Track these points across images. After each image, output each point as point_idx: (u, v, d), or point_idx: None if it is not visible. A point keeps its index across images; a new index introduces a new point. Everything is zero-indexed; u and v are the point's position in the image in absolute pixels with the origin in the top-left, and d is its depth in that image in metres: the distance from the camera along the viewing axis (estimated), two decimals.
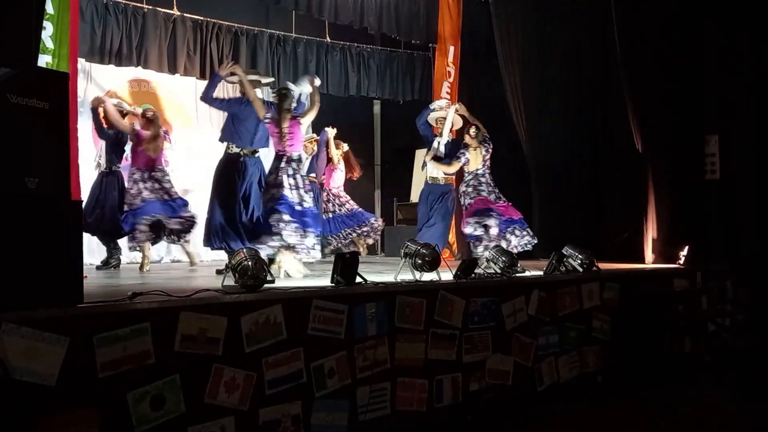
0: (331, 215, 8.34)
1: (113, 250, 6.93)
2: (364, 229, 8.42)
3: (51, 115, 2.97)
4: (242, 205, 5.79)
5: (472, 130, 6.84)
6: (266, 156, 6.07)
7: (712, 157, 7.19)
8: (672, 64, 7.09)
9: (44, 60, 4.94)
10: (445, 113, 7.08)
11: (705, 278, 6.32)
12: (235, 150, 5.91)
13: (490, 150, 6.82)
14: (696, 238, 6.68)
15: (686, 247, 6.50)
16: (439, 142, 6.98)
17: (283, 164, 5.39)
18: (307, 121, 5.75)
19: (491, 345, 4.53)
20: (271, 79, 7.14)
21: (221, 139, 6.06)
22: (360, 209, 8.51)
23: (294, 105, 5.58)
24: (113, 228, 6.65)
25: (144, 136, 6.52)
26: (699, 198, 7.13)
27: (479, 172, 6.75)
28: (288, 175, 5.37)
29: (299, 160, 5.55)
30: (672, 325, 5.81)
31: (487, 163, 6.81)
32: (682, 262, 6.49)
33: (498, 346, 4.57)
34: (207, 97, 5.97)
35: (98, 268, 6.84)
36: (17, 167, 2.85)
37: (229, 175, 5.84)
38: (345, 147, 8.51)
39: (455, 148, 6.92)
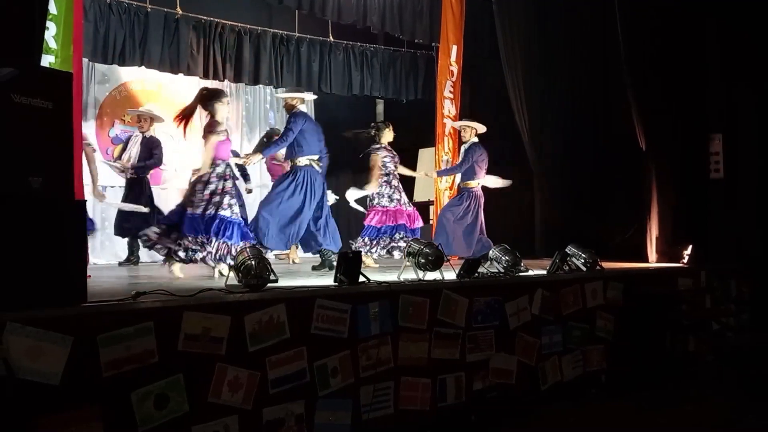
0: None
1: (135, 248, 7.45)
2: None
3: (55, 115, 2.97)
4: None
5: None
6: None
7: (716, 156, 7.18)
8: (675, 63, 7.08)
9: (48, 60, 4.94)
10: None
11: (709, 277, 6.31)
12: None
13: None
14: (700, 238, 6.67)
15: (690, 247, 6.50)
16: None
17: None
18: None
19: (495, 344, 4.52)
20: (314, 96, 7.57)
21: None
22: None
23: None
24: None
25: None
26: (703, 197, 7.13)
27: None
28: None
29: None
30: (675, 324, 5.80)
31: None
32: (685, 261, 6.49)
33: (501, 345, 4.57)
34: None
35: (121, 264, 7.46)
36: (21, 167, 2.85)
37: None
38: None
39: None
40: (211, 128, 5.43)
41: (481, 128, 7.38)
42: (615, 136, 7.98)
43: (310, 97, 7.01)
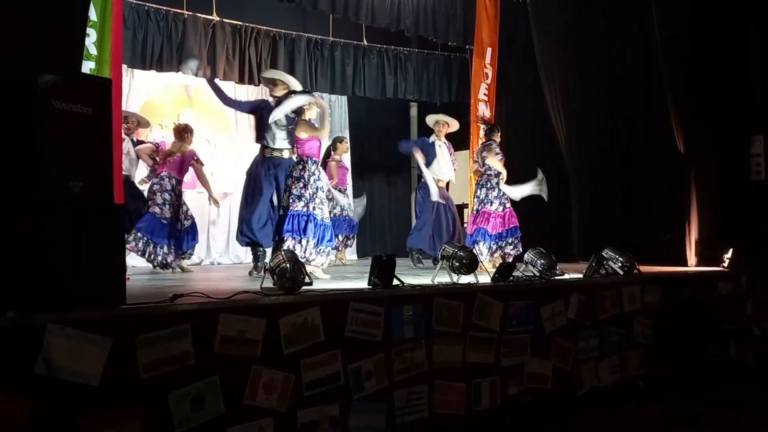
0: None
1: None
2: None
3: (95, 121, 3.02)
4: None
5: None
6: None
7: (757, 158, 7.04)
8: (715, 63, 6.95)
9: (88, 66, 5.02)
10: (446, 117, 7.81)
11: (750, 281, 6.18)
12: None
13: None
14: (740, 241, 6.54)
15: (730, 250, 6.37)
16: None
17: None
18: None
19: (530, 348, 4.49)
20: None
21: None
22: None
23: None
24: None
25: None
26: (744, 199, 6.99)
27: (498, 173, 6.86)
28: None
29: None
30: (716, 329, 5.69)
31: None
32: (726, 265, 6.36)
33: (537, 349, 4.53)
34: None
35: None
36: (62, 171, 2.91)
37: None
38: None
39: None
40: None
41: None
42: (653, 137, 7.86)
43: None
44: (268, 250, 6.09)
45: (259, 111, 6.57)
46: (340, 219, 8.39)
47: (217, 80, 8.36)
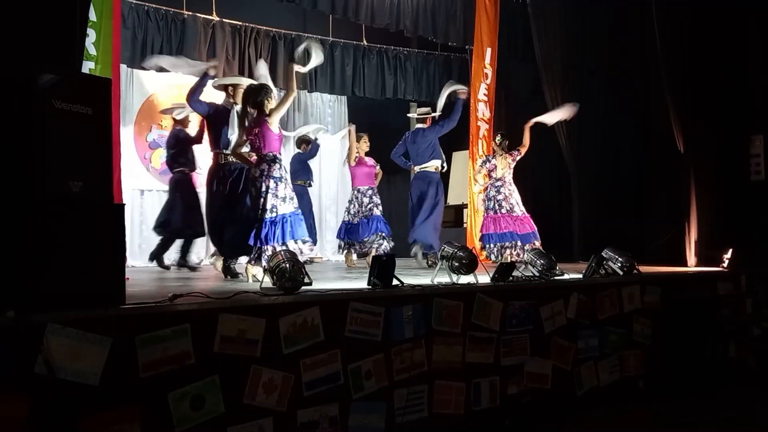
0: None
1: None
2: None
3: (94, 121, 3.02)
4: None
5: (497, 138, 7.45)
6: None
7: (757, 158, 7.05)
8: (715, 64, 6.96)
9: (87, 66, 5.04)
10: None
11: (750, 281, 6.18)
12: None
13: (517, 157, 7.06)
14: (740, 241, 6.54)
15: (730, 250, 6.37)
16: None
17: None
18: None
19: (529, 348, 4.49)
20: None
21: None
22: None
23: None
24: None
25: None
26: (743, 199, 6.99)
27: (506, 179, 6.94)
28: None
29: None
30: (715, 329, 5.69)
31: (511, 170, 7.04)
32: (725, 265, 6.36)
33: (536, 349, 4.53)
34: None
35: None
36: (62, 171, 2.90)
37: None
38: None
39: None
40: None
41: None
42: (654, 137, 7.88)
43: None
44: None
45: (213, 117, 5.94)
46: (378, 218, 7.82)
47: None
